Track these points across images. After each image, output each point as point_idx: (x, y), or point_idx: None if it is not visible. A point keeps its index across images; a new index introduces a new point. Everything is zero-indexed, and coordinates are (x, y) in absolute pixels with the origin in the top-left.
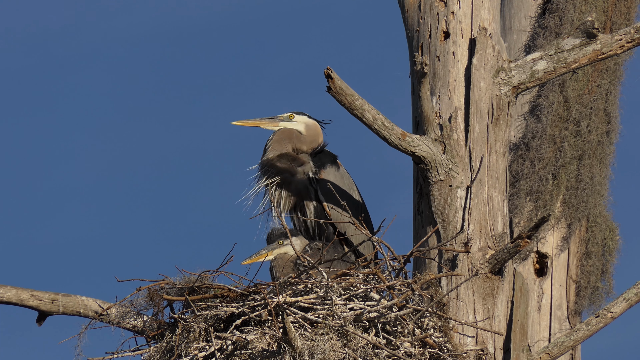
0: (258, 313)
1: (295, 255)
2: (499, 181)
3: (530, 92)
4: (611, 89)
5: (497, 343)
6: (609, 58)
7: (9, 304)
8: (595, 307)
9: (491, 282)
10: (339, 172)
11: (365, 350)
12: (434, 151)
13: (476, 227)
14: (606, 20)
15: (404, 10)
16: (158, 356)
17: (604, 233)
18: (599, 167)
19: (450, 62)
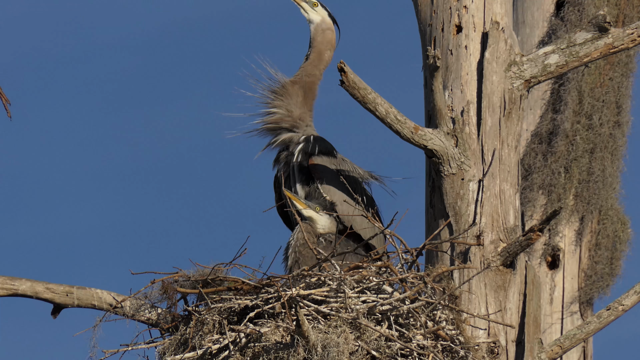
0: (271, 306)
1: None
2: (510, 174)
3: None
4: (623, 82)
5: (509, 336)
6: (621, 51)
7: (24, 297)
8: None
9: (503, 275)
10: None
11: (378, 342)
12: (446, 145)
13: (488, 220)
14: (618, 14)
15: (416, 4)
16: (172, 348)
17: (615, 226)
18: (610, 160)
19: (462, 56)
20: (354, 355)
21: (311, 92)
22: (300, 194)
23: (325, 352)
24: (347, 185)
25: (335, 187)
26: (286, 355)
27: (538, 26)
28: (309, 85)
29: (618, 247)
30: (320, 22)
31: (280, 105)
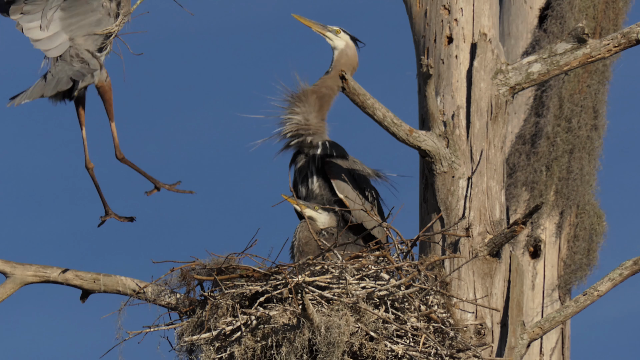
0: (280, 291)
1: (319, 227)
2: (497, 173)
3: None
4: (599, 89)
5: (494, 318)
6: (598, 61)
7: (55, 283)
8: (583, 285)
9: (489, 263)
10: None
11: (376, 324)
12: (439, 145)
13: (476, 214)
14: (596, 26)
15: (411, 18)
16: (190, 330)
17: (592, 219)
18: (587, 160)
19: (453, 65)
20: (354, 336)
21: (327, 104)
22: (316, 191)
23: (328, 333)
24: (357, 183)
25: (347, 185)
26: (293, 336)
27: (522, 37)
28: (326, 97)
29: (594, 239)
30: (344, 48)
31: (299, 112)
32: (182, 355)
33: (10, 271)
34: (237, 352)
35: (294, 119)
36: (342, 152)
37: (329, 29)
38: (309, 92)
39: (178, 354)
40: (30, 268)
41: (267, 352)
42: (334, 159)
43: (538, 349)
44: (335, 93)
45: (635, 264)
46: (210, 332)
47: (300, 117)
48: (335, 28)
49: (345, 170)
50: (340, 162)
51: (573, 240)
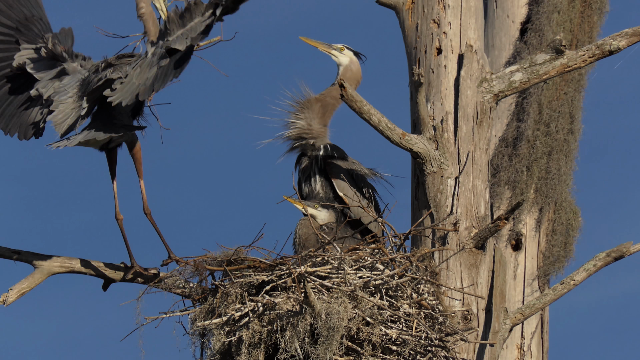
0: (284, 280)
1: (319, 223)
2: (482, 173)
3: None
4: (576, 96)
5: (479, 305)
6: (574, 70)
7: (80, 273)
8: (560, 275)
9: (475, 255)
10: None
11: (372, 310)
12: (429, 148)
13: (463, 210)
14: (572, 38)
15: (404, 31)
16: (202, 315)
17: (568, 215)
18: (564, 161)
19: (442, 74)
20: (351, 321)
21: (330, 112)
22: (318, 189)
23: (328, 319)
24: (355, 182)
25: (346, 184)
26: (296, 321)
27: (505, 49)
28: (329, 106)
29: (570, 233)
30: (348, 64)
31: (303, 118)
32: (195, 338)
33: (38, 262)
34: (245, 336)
35: (297, 123)
36: (342, 154)
37: (333, 47)
38: (314, 100)
39: (191, 337)
40: (57, 260)
41: (272, 336)
42: (335, 160)
43: (519, 333)
44: (339, 103)
45: (608, 255)
46: (221, 318)
47: (303, 122)
48: (340, 46)
49: (344, 170)
50: (340, 163)
51: (551, 234)
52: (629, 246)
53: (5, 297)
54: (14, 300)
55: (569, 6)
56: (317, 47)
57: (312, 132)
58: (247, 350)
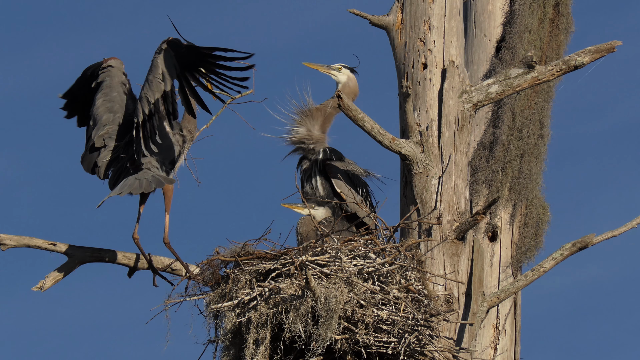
0: (287, 268)
1: (318, 220)
2: (462, 173)
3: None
4: (545, 105)
5: (460, 290)
6: (544, 83)
7: (108, 262)
8: (531, 263)
9: (456, 246)
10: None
11: (365, 294)
12: (416, 151)
13: (446, 206)
14: (542, 55)
15: (394, 48)
16: (215, 299)
17: (539, 210)
18: (535, 162)
19: (427, 86)
20: (347, 304)
21: (329, 121)
22: (319, 188)
23: (327, 302)
24: (352, 181)
25: (343, 183)
26: (298, 304)
27: (482, 64)
28: (329, 115)
29: (540, 226)
30: (346, 81)
31: (304, 125)
32: (210, 319)
33: (71, 252)
34: (254, 317)
35: (299, 129)
36: (340, 156)
37: (332, 67)
38: (315, 110)
39: (206, 318)
40: (88, 250)
41: (277, 317)
42: (333, 162)
43: (495, 314)
44: (337, 112)
45: (574, 246)
46: (232, 301)
47: (304, 129)
48: (338, 66)
49: (342, 170)
50: (338, 164)
51: (523, 227)
52: (592, 237)
53: (42, 283)
54: (49, 286)
55: (538, 27)
56: (319, 70)
57: (312, 138)
58: (256, 329)
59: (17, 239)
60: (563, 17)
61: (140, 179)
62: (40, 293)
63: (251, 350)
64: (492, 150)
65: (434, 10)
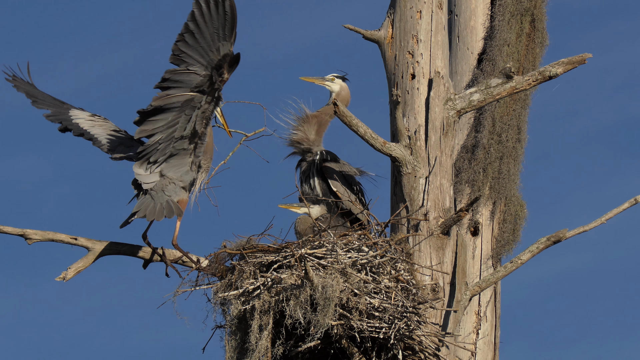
0: (288, 260)
1: (314, 217)
2: (447, 173)
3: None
4: (522, 112)
5: (445, 280)
6: (521, 91)
7: (124, 255)
8: (510, 255)
9: (442, 240)
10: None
11: (359, 284)
12: (405, 154)
13: (432, 203)
14: (519, 66)
15: (385, 60)
16: (222, 288)
17: (516, 207)
18: (513, 164)
19: (415, 95)
20: (343, 292)
21: (324, 126)
22: (317, 188)
23: (324, 291)
24: (346, 180)
25: (339, 182)
26: (298, 292)
27: (465, 75)
28: (324, 121)
29: (518, 222)
30: (339, 90)
31: (301, 130)
32: (217, 307)
33: (91, 246)
34: (257, 305)
35: (298, 134)
36: (335, 157)
37: (326, 79)
38: (311, 116)
39: (214, 306)
40: (106, 244)
41: (279, 304)
42: (329, 163)
43: (477, 302)
44: (331, 118)
45: (548, 240)
46: (238, 290)
47: (301, 134)
48: (331, 77)
49: (337, 171)
50: (333, 165)
51: (502, 223)
52: (565, 232)
53: (65, 274)
54: (71, 277)
55: (516, 40)
56: (314, 82)
57: (309, 142)
58: (259, 316)
59: (42, 234)
60: (538, 32)
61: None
62: (63, 283)
63: (255, 335)
64: (474, 152)
65: (422, 26)
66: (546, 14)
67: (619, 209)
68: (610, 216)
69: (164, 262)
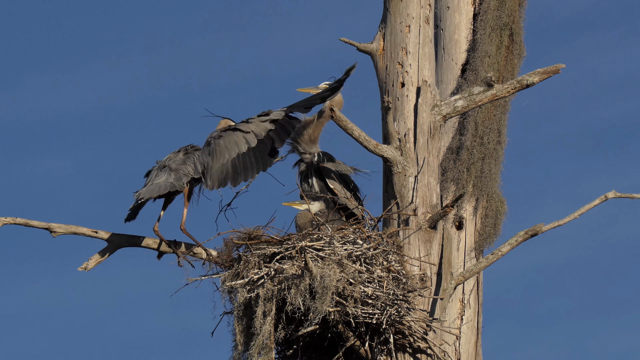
0: (289, 252)
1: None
2: (434, 173)
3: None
4: (502, 117)
5: (432, 270)
6: (501, 98)
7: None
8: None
9: (429, 233)
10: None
11: (354, 274)
12: (395, 154)
13: (420, 200)
14: (499, 75)
15: (377, 70)
16: (230, 277)
17: (497, 204)
18: (494, 164)
19: (405, 101)
20: (339, 281)
21: (319, 129)
22: (315, 186)
23: (322, 280)
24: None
25: (335, 181)
26: (298, 281)
27: (450, 83)
28: (319, 124)
29: (499, 217)
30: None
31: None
32: (224, 294)
33: (110, 238)
34: (261, 292)
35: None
36: (331, 157)
37: (320, 88)
38: (308, 121)
39: (222, 293)
40: (124, 236)
41: (281, 292)
42: (326, 164)
43: (461, 290)
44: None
45: (526, 233)
46: (243, 279)
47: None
48: (324, 85)
49: (334, 171)
50: (330, 165)
51: (484, 217)
52: (542, 226)
53: (86, 264)
54: (92, 267)
55: (496, 52)
56: (310, 92)
57: (306, 145)
58: (263, 303)
59: (66, 227)
60: (517, 45)
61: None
62: (85, 272)
63: (259, 320)
64: (459, 153)
65: (410, 39)
66: (523, 28)
67: (590, 205)
68: (582, 211)
69: (176, 254)
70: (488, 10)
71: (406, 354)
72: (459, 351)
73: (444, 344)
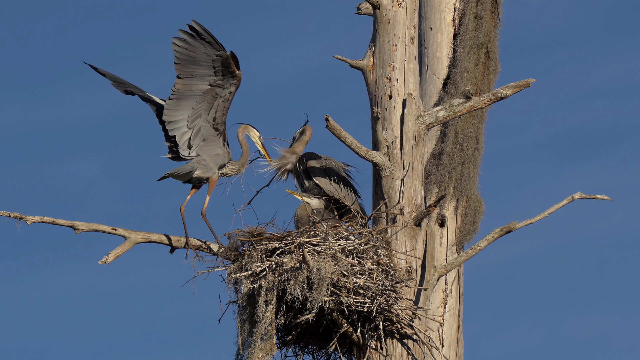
0: (289, 247)
1: (312, 208)
2: (418, 176)
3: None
4: (479, 126)
5: (417, 263)
6: (478, 109)
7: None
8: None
9: (414, 230)
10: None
11: (347, 267)
12: (384, 160)
13: (406, 201)
14: (477, 89)
15: (367, 83)
16: (235, 270)
17: (475, 204)
18: (473, 169)
19: (392, 112)
20: (334, 274)
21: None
22: (306, 184)
23: (318, 272)
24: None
25: (323, 177)
26: (297, 274)
27: (433, 96)
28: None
29: (477, 216)
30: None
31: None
32: (230, 285)
33: (128, 235)
34: (264, 284)
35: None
36: (314, 155)
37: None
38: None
39: (227, 284)
40: (140, 233)
41: (282, 283)
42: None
43: (444, 281)
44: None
45: (501, 230)
46: (247, 272)
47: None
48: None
49: (318, 167)
50: (314, 162)
51: (464, 216)
52: (515, 224)
53: (106, 258)
54: (111, 260)
55: (474, 68)
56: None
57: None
58: (265, 293)
59: (88, 225)
60: (492, 61)
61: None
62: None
63: (262, 309)
64: (441, 159)
65: (397, 56)
66: (498, 47)
67: (559, 205)
68: (552, 211)
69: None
70: (467, 31)
71: (394, 339)
72: (442, 337)
73: (429, 330)
